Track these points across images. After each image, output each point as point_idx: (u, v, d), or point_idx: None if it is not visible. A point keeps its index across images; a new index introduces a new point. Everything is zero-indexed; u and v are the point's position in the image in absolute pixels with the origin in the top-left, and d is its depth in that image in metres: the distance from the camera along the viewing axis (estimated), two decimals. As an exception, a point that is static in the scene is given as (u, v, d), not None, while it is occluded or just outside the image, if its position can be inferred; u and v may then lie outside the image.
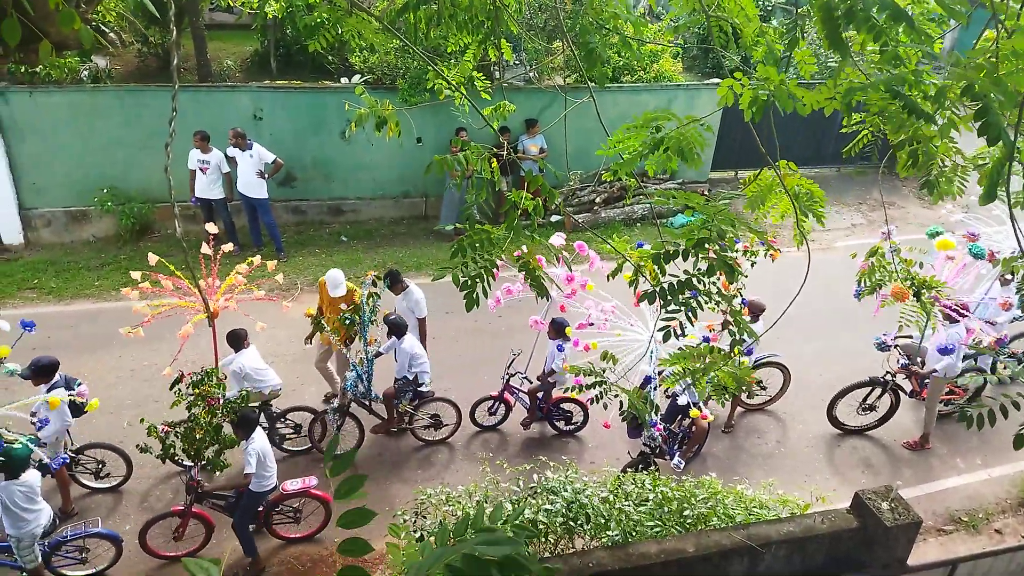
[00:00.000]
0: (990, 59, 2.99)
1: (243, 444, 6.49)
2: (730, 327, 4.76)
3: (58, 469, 6.71)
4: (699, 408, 7.42)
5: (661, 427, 7.55)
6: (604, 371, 5.75)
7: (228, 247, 7.97)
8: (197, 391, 6.42)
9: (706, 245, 3.43)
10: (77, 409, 6.99)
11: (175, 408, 6.54)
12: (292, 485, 6.80)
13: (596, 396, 5.63)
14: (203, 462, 6.45)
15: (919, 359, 8.51)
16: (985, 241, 8.48)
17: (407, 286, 8.60)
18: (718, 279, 3.92)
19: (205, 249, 7.65)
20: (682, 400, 7.59)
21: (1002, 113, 2.87)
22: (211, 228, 7.95)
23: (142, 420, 6.37)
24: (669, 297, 3.53)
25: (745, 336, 4.11)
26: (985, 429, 4.15)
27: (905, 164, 3.56)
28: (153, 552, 6.70)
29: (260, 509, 6.80)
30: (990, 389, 9.27)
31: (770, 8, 16.30)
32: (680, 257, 3.51)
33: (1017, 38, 3.13)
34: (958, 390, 8.81)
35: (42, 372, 6.86)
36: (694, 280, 3.57)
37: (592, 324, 7.56)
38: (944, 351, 7.88)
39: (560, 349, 8.05)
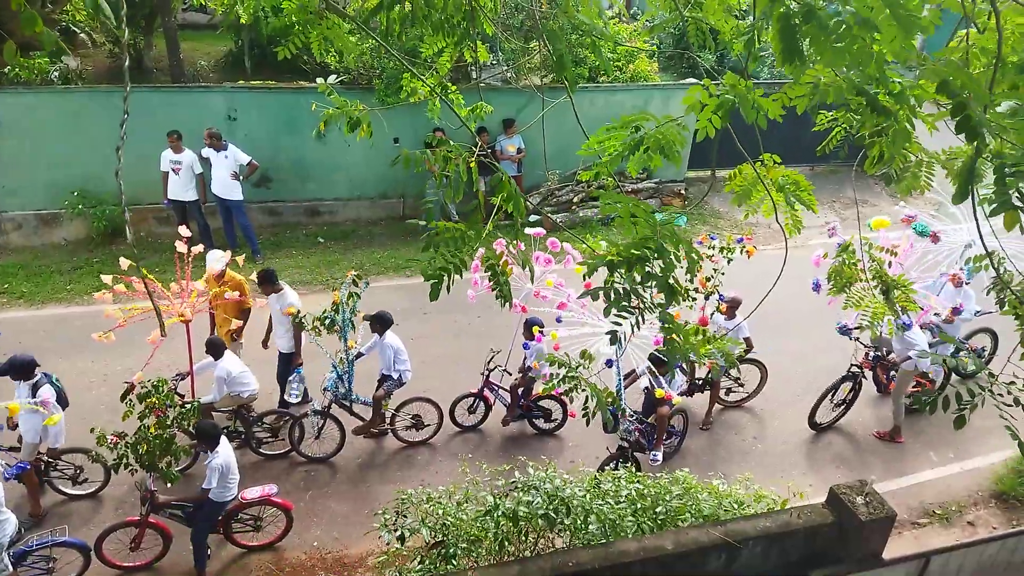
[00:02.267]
0: (961, 57, 3.04)
1: (206, 457, 6.41)
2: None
3: (9, 479, 6.57)
4: (663, 389, 7.45)
5: (630, 415, 7.59)
6: (578, 367, 5.74)
7: (198, 248, 7.92)
8: (144, 403, 6.26)
9: (645, 263, 3.35)
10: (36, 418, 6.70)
11: (127, 420, 6.37)
12: (251, 493, 6.72)
13: (566, 391, 5.63)
14: (156, 473, 6.32)
15: (885, 349, 8.67)
16: (945, 238, 8.67)
17: (281, 288, 8.22)
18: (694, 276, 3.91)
19: (180, 247, 7.61)
20: (643, 382, 7.64)
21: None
22: (183, 231, 7.88)
23: (92, 429, 6.25)
24: (612, 301, 3.47)
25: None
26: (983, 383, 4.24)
27: (873, 161, 3.61)
28: (109, 562, 6.57)
29: (219, 517, 6.71)
30: (956, 381, 9.43)
31: (745, 9, 16.43)
32: (622, 270, 3.42)
33: (988, 37, 3.19)
34: (926, 382, 8.96)
35: (18, 369, 6.72)
36: (639, 290, 3.50)
37: (567, 307, 7.63)
38: (901, 327, 8.06)
39: (526, 347, 8.03)
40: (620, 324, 3.51)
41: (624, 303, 3.40)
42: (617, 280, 3.42)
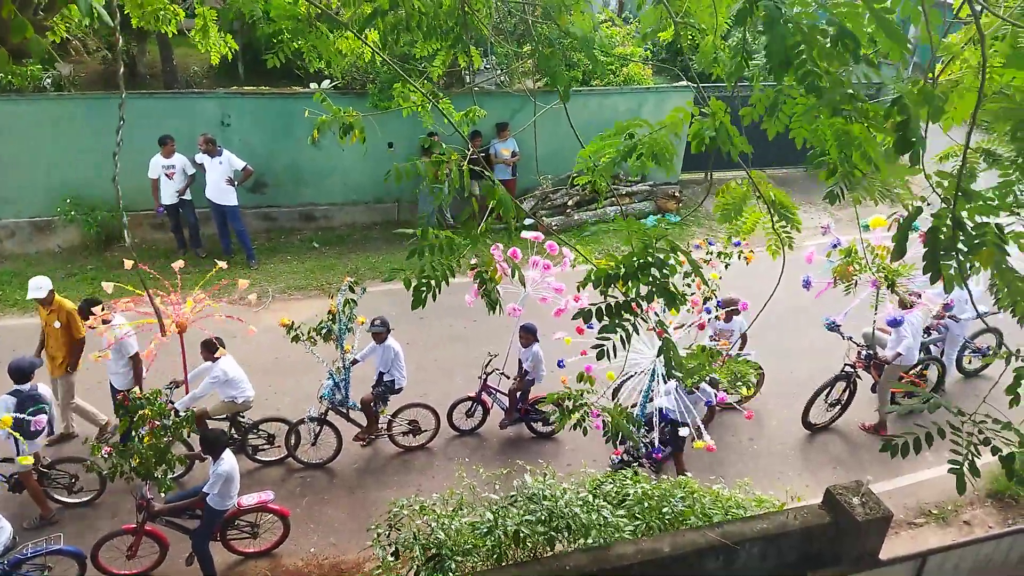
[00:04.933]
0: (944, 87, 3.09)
1: (210, 465, 6.39)
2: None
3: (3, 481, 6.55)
4: (704, 439, 7.22)
5: (660, 454, 7.57)
6: (582, 393, 5.62)
7: (180, 263, 7.98)
8: (138, 416, 6.18)
9: (648, 271, 3.41)
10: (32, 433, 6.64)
11: (122, 432, 6.32)
12: (248, 500, 6.70)
13: (578, 421, 5.49)
14: (152, 481, 6.26)
15: (876, 346, 8.71)
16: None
17: (110, 319, 7.47)
18: (692, 281, 3.93)
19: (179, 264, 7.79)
20: (684, 432, 7.49)
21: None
22: (177, 265, 7.96)
23: (87, 440, 6.22)
24: (605, 318, 3.52)
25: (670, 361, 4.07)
26: (953, 422, 4.25)
27: (826, 176, 3.67)
28: (106, 570, 6.55)
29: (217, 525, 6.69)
30: (954, 382, 9.47)
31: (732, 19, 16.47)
32: (621, 282, 3.47)
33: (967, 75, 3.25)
34: (919, 381, 9.00)
35: (17, 374, 6.70)
36: (631, 304, 3.54)
37: (566, 311, 7.63)
38: (893, 323, 8.14)
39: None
40: (608, 338, 3.53)
41: (618, 318, 3.43)
42: (611, 295, 3.46)
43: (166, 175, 11.30)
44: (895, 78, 3.08)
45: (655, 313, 3.81)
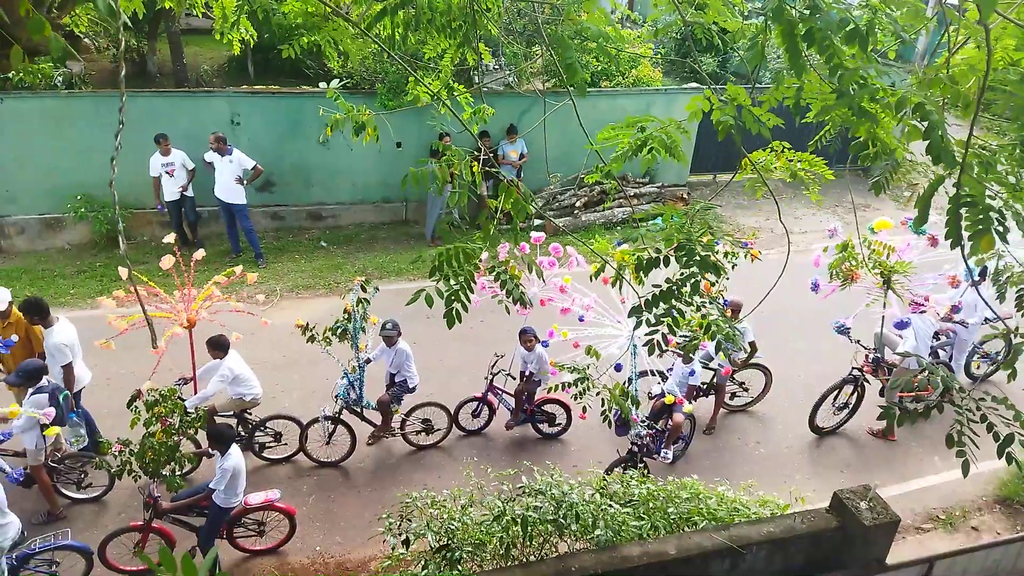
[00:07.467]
0: (958, 71, 3.08)
1: (216, 459, 6.40)
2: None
3: (17, 481, 6.58)
4: (673, 395, 7.56)
5: (641, 421, 7.60)
6: (588, 368, 5.77)
7: (201, 253, 7.95)
8: (151, 412, 6.20)
9: (688, 251, 3.50)
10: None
11: (134, 427, 6.30)
12: (255, 498, 6.71)
13: (579, 393, 5.64)
14: (160, 479, 6.27)
15: (884, 347, 8.66)
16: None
17: (51, 323, 7.16)
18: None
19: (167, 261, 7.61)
20: (656, 389, 7.68)
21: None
22: (170, 238, 7.86)
23: (98, 437, 6.25)
24: (651, 309, 3.59)
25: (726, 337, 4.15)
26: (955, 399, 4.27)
27: (866, 156, 3.74)
28: (113, 566, 6.57)
29: (223, 523, 6.70)
30: (962, 386, 9.40)
31: (746, 15, 16.45)
32: (662, 264, 3.55)
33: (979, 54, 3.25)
34: (928, 386, 8.93)
35: (30, 377, 6.70)
36: (674, 290, 3.63)
37: (571, 310, 7.65)
38: (900, 325, 8.10)
39: (545, 344, 8.10)
40: (657, 330, 3.61)
41: (663, 303, 3.52)
42: (652, 285, 3.53)
43: (166, 172, 11.37)
44: (904, 85, 3.09)
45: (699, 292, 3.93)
